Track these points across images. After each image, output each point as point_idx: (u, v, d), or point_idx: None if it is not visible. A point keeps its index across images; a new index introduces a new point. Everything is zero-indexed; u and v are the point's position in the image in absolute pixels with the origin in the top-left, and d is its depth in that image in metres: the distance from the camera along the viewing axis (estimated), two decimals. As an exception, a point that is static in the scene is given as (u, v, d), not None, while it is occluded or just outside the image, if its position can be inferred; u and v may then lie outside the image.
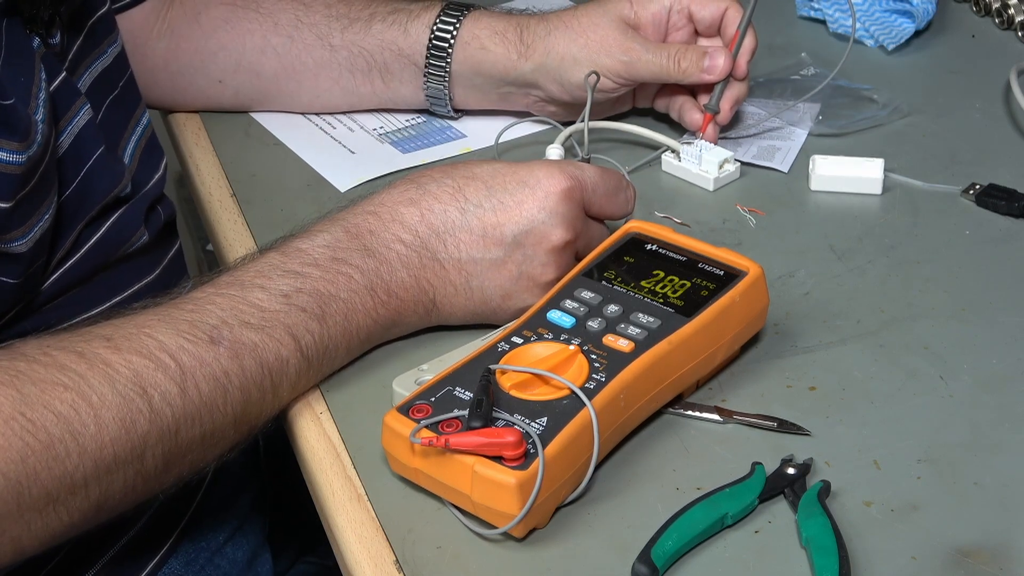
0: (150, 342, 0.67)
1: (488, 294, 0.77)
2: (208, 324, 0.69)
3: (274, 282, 0.72)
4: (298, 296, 0.72)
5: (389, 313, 0.76)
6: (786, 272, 0.85)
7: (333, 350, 0.74)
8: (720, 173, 0.94)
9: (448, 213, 0.77)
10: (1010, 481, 0.68)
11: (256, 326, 0.70)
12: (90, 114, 0.82)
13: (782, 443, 0.71)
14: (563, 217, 0.76)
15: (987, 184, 0.92)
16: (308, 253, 0.74)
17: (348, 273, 0.74)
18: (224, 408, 0.69)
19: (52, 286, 0.79)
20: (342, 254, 0.75)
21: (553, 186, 0.76)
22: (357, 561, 0.66)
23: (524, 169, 0.78)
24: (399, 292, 0.76)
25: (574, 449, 0.66)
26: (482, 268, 0.77)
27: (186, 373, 0.67)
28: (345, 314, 0.74)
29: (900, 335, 0.79)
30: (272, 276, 0.73)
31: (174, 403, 0.66)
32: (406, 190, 0.78)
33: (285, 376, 0.72)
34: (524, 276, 0.77)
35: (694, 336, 0.72)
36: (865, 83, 1.06)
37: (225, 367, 0.68)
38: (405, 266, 0.76)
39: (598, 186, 0.79)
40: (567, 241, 0.77)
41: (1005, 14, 1.14)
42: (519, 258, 0.77)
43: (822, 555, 0.63)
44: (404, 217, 0.77)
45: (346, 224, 0.76)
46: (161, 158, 0.93)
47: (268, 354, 0.70)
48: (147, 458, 0.66)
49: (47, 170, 0.75)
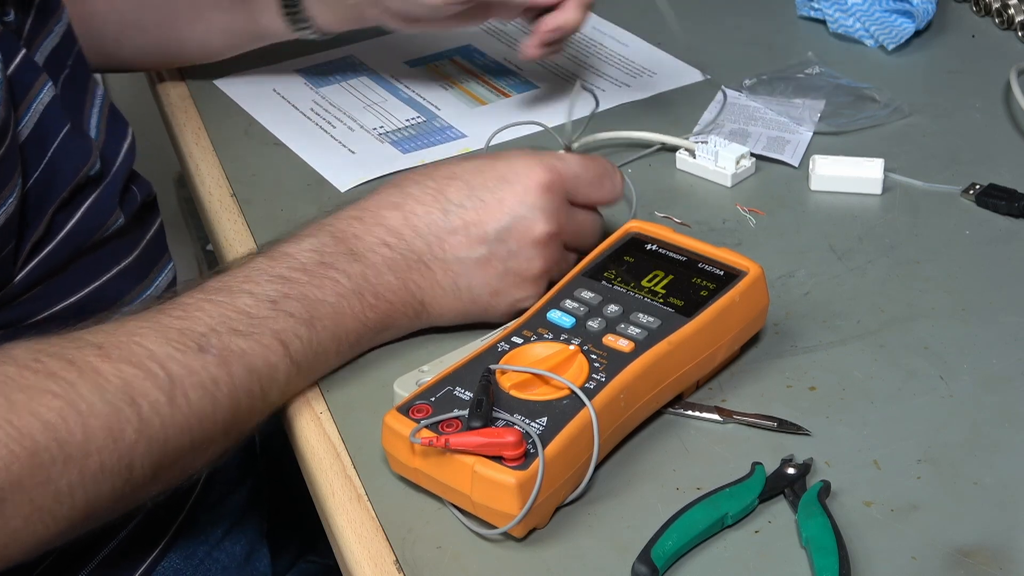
0: (140, 351, 0.67)
1: (476, 293, 0.77)
2: (197, 332, 0.69)
3: (262, 287, 0.72)
4: (286, 302, 0.72)
5: (378, 316, 0.76)
6: (786, 272, 0.85)
7: (323, 355, 0.74)
8: (737, 169, 0.94)
9: (431, 215, 0.77)
10: (1010, 481, 0.68)
11: (244, 333, 0.70)
12: (53, 91, 0.81)
13: (782, 443, 0.71)
14: (544, 210, 0.76)
15: (987, 184, 0.92)
16: (295, 258, 0.74)
17: (335, 278, 0.74)
18: (213, 416, 0.69)
19: (28, 275, 0.79)
20: (329, 258, 0.75)
21: (532, 180, 0.76)
22: (357, 561, 0.67)
23: (503, 164, 0.77)
24: (387, 295, 0.76)
25: (574, 449, 0.66)
26: (468, 267, 0.77)
27: (175, 382, 0.67)
28: (333, 318, 0.74)
29: (900, 335, 0.79)
30: (260, 281, 0.73)
31: (163, 412, 0.66)
32: (389, 194, 0.78)
33: (274, 382, 0.72)
34: (511, 272, 0.77)
35: (694, 336, 0.72)
36: (865, 83, 1.06)
37: (214, 375, 0.68)
38: (391, 269, 0.76)
39: (580, 175, 0.79)
40: (550, 233, 0.77)
41: (1005, 14, 1.14)
42: (504, 254, 0.77)
43: (822, 555, 0.63)
44: (388, 221, 0.77)
45: (332, 229, 0.76)
46: (126, 126, 0.92)
47: (257, 360, 0.70)
48: (135, 467, 0.65)
49: (7, 155, 0.74)
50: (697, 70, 1.10)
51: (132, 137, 0.92)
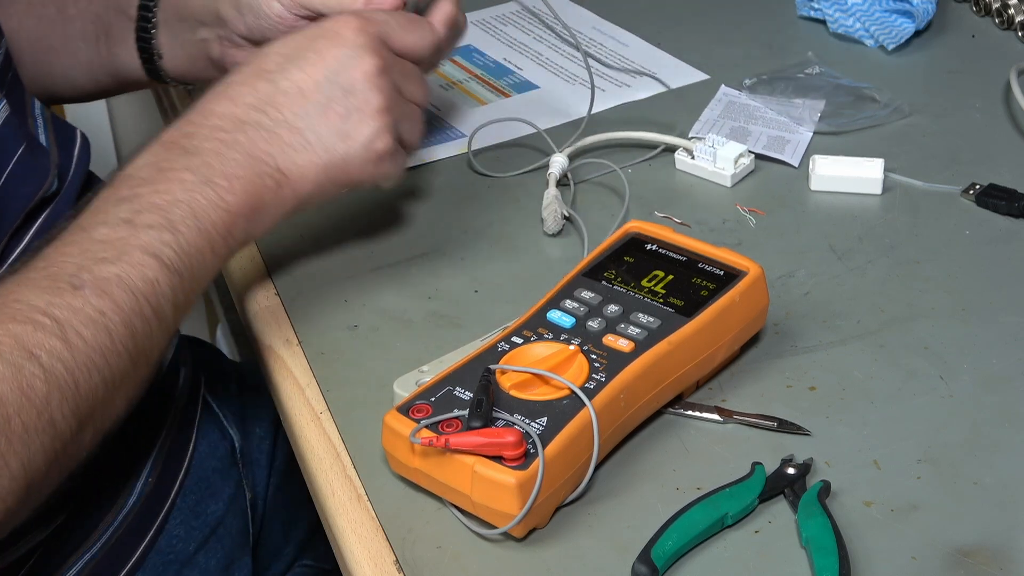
0: (20, 306, 0.66)
1: (327, 141, 0.77)
2: (66, 273, 0.68)
3: (111, 214, 0.71)
4: (140, 216, 0.71)
5: (239, 199, 0.74)
6: (786, 272, 0.85)
7: (198, 255, 0.72)
8: (736, 168, 0.94)
9: (258, 88, 0.77)
10: (1010, 481, 0.68)
11: (111, 259, 0.69)
12: (8, 110, 0.80)
13: (782, 443, 0.71)
14: (363, 47, 0.78)
15: (987, 184, 0.92)
16: (133, 176, 0.73)
17: (178, 177, 0.73)
18: (114, 347, 0.68)
19: None
20: (165, 163, 0.74)
21: (342, 25, 0.78)
22: (357, 561, 0.67)
23: (313, 26, 0.80)
24: (237, 172, 0.75)
25: (574, 449, 0.66)
26: (311, 119, 0.77)
27: (63, 325, 0.66)
28: (193, 215, 0.72)
29: (900, 335, 0.79)
30: (107, 209, 0.72)
31: (63, 357, 0.65)
32: (211, 90, 0.78)
33: (162, 296, 0.70)
34: (353, 111, 0.78)
35: (694, 336, 0.72)
36: (865, 83, 1.06)
37: (98, 307, 0.67)
38: (232, 147, 0.75)
39: (389, 20, 0.81)
40: (377, 66, 0.78)
41: (1005, 14, 1.14)
42: (340, 95, 0.77)
43: (822, 555, 0.63)
44: (215, 110, 0.76)
45: (161, 140, 0.75)
46: (73, 129, 0.91)
47: (135, 280, 0.69)
48: (57, 420, 0.65)
49: None
50: (697, 70, 1.10)
51: (82, 137, 0.90)
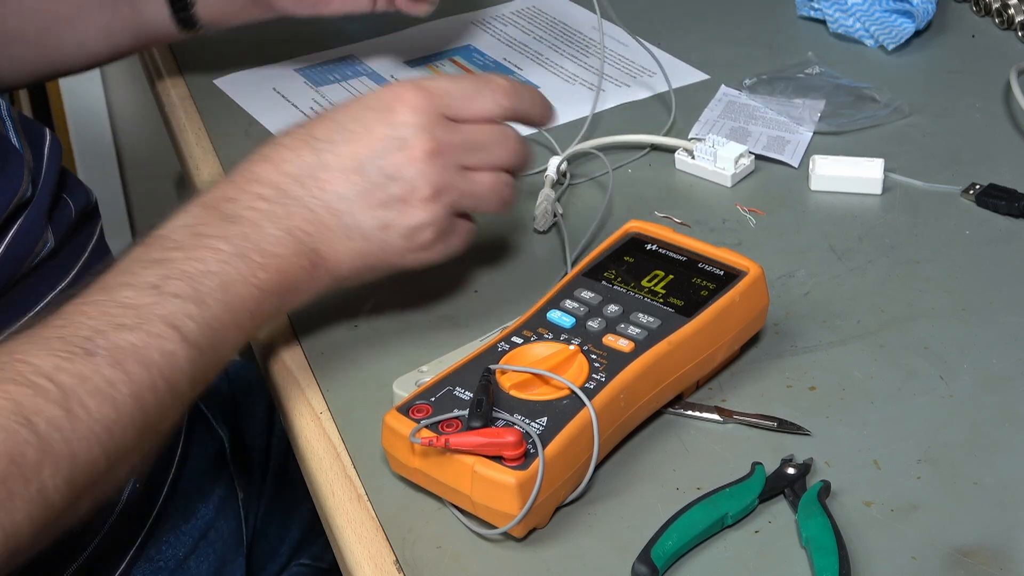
0: (24, 367, 0.62)
1: (365, 229, 0.73)
2: (80, 336, 0.64)
3: (140, 276, 0.67)
4: (168, 283, 0.67)
5: (271, 276, 0.70)
6: (786, 272, 0.85)
7: (221, 330, 0.68)
8: (736, 168, 0.94)
9: (302, 157, 0.72)
10: (1010, 481, 0.68)
11: (131, 326, 0.65)
12: None
13: (782, 443, 0.71)
14: (416, 127, 0.72)
15: (987, 184, 0.92)
16: (168, 237, 0.69)
17: (213, 245, 0.69)
18: (119, 420, 0.63)
19: None
20: (203, 229, 0.70)
21: (398, 102, 0.72)
22: (357, 561, 0.67)
23: (371, 95, 0.74)
24: (274, 249, 0.70)
25: (574, 449, 0.66)
26: (351, 203, 0.72)
27: (68, 393, 0.62)
28: (223, 289, 0.68)
29: (900, 335, 0.79)
30: (136, 271, 0.68)
31: (62, 427, 0.61)
32: (259, 150, 0.74)
33: (178, 371, 0.66)
34: (395, 200, 0.73)
35: (694, 336, 0.72)
36: (865, 83, 1.06)
37: (108, 377, 0.63)
38: (272, 221, 0.71)
39: (450, 88, 0.74)
40: (427, 150, 0.72)
41: (1005, 14, 1.14)
42: (382, 182, 0.72)
43: (822, 555, 0.63)
44: (259, 174, 0.72)
45: (202, 200, 0.72)
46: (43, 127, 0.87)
47: (151, 352, 0.65)
48: (47, 489, 0.60)
49: None
50: (697, 70, 1.10)
51: (51, 135, 0.87)
